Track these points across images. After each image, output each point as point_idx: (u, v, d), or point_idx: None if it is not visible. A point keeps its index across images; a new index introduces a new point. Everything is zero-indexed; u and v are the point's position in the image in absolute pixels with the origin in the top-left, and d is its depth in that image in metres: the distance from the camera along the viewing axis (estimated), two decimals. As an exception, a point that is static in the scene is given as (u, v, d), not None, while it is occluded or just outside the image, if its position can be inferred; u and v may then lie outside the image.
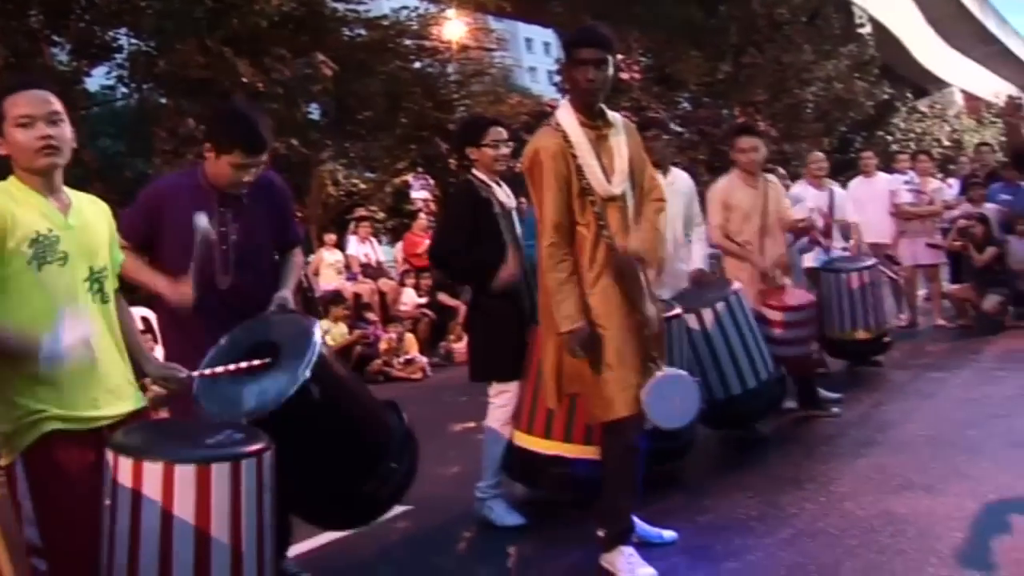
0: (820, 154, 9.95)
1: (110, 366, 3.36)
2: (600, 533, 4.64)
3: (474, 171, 5.63)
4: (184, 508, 3.02)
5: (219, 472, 3.06)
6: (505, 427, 5.47)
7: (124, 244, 3.77)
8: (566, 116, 4.59)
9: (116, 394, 3.36)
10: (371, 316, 13.37)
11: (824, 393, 7.73)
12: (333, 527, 4.67)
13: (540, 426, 5.24)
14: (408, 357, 13.03)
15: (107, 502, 3.09)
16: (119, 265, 3.59)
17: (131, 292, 3.92)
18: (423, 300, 14.26)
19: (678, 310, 5.85)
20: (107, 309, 3.39)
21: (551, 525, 5.44)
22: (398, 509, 5.94)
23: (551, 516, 5.53)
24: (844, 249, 9.44)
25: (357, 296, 13.64)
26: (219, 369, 3.75)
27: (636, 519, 4.76)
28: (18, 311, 3.15)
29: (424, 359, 13.08)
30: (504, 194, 5.60)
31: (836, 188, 9.59)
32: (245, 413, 3.60)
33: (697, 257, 6.93)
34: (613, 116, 4.69)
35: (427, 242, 11.90)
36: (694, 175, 7.82)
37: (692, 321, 6.21)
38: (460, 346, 12.59)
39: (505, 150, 5.62)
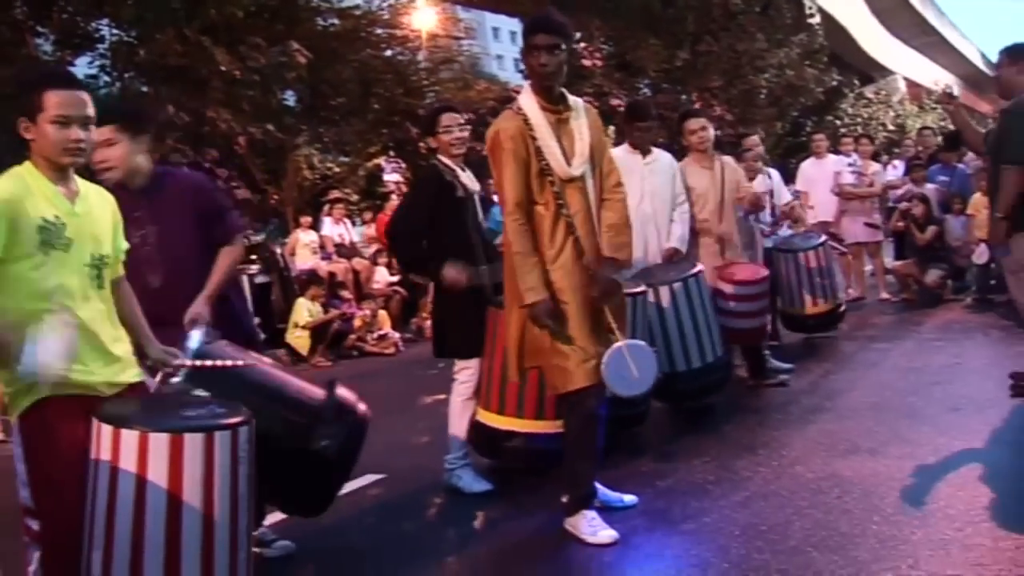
0: (755, 137, 9.79)
1: (106, 340, 3.38)
2: (563, 498, 4.66)
3: (439, 156, 5.60)
4: (157, 476, 3.00)
5: (192, 442, 3.03)
6: (468, 402, 5.48)
7: None
8: (527, 100, 4.59)
9: (111, 365, 3.38)
10: (345, 294, 13.32)
11: (776, 364, 7.78)
12: (298, 510, 4.57)
13: (496, 402, 5.25)
14: (381, 333, 13.02)
15: (91, 468, 3.09)
16: (122, 252, 3.62)
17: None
18: (395, 278, 14.22)
19: (643, 287, 5.86)
20: (104, 294, 3.43)
21: (517, 492, 5.44)
22: (371, 477, 5.99)
23: (517, 483, 5.54)
24: (790, 229, 9.52)
25: (332, 275, 13.58)
26: (208, 363, 3.73)
27: (598, 484, 4.77)
28: (22, 292, 3.20)
29: (396, 335, 13.09)
30: (468, 179, 5.56)
31: (773, 171, 9.55)
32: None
33: (675, 236, 6.86)
34: (574, 100, 4.69)
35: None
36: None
37: (649, 297, 6.22)
38: (430, 323, 12.58)
39: (460, 133, 5.54)
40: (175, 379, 3.66)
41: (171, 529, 3.01)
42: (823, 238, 9.21)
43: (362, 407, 4.33)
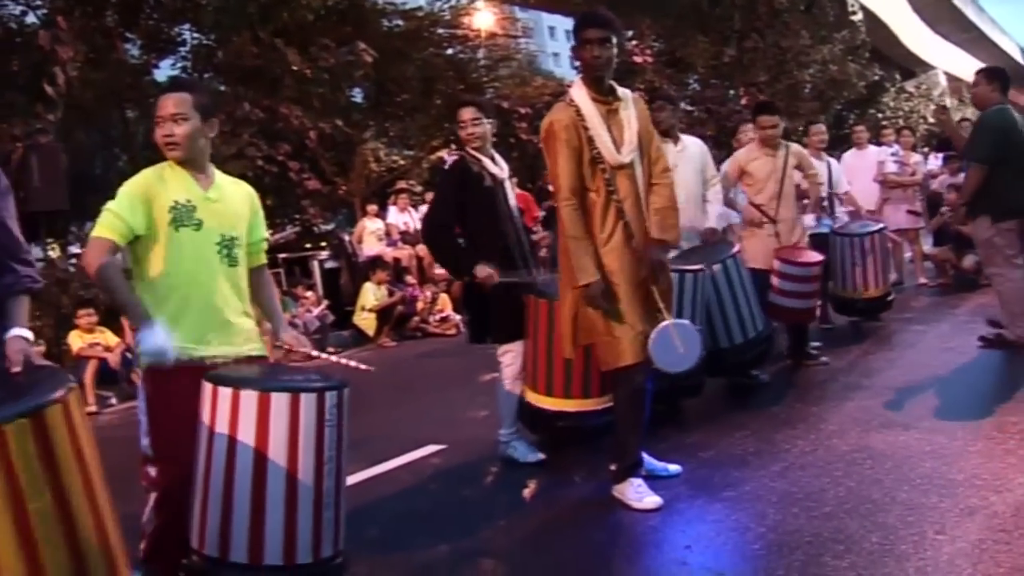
0: (821, 126, 9.84)
1: (229, 316, 3.59)
2: (612, 467, 4.71)
3: (465, 148, 5.62)
4: (246, 431, 3.10)
5: (278, 401, 3.10)
6: (515, 382, 5.52)
7: None
8: (578, 92, 4.64)
9: (229, 340, 3.58)
10: (409, 279, 13.45)
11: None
12: None
13: (543, 384, 5.31)
14: (443, 315, 13.14)
15: (198, 422, 3.22)
16: (260, 240, 3.87)
17: None
18: (456, 264, 14.29)
19: (700, 266, 5.90)
20: (235, 272, 3.65)
21: (568, 461, 5.51)
22: (432, 448, 6.12)
23: (568, 454, 5.60)
24: (847, 215, 9.49)
25: (396, 260, 13.73)
26: (334, 358, 3.99)
27: (644, 454, 4.82)
28: (158, 265, 3.49)
29: (457, 316, 13.15)
30: (496, 167, 5.57)
31: (833, 161, 9.54)
32: None
33: (711, 216, 6.83)
34: (623, 92, 4.72)
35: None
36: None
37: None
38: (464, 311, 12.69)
39: (473, 128, 5.52)
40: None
41: (256, 483, 3.09)
42: (880, 225, 9.17)
43: None
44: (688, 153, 6.80)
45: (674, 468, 5.01)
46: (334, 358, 3.92)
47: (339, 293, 13.83)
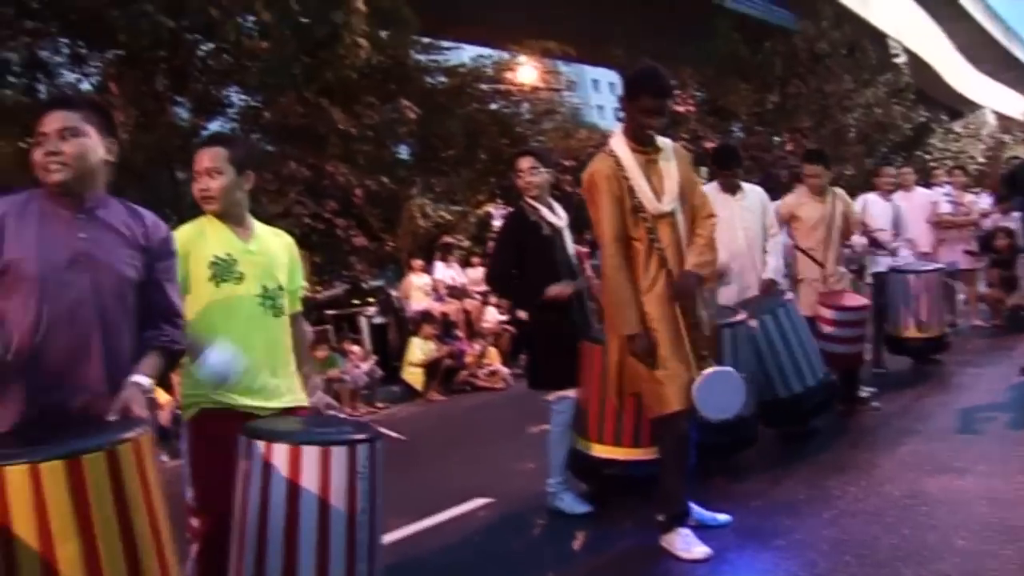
0: (891, 169, 9.85)
1: (272, 367, 3.62)
2: (659, 517, 4.66)
3: (524, 198, 5.66)
4: (279, 484, 3.10)
5: (309, 454, 3.11)
6: (566, 430, 5.50)
7: None
8: (618, 143, 4.67)
9: (272, 391, 3.60)
10: (458, 333, 13.46)
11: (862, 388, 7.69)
12: None
13: (595, 432, 5.30)
14: (491, 368, 13.09)
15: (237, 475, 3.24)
16: (298, 288, 3.90)
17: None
18: (504, 317, 14.31)
19: (743, 315, 5.83)
20: (278, 322, 3.67)
21: (615, 512, 5.44)
22: (480, 501, 6.07)
23: (615, 505, 5.54)
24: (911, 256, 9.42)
25: (444, 315, 13.73)
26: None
27: (693, 504, 4.77)
28: (201, 320, 3.48)
29: (506, 370, 13.13)
30: (555, 216, 5.60)
31: (902, 204, 9.47)
32: None
33: (770, 268, 6.79)
34: (662, 141, 4.73)
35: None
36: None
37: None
38: (526, 356, 12.64)
39: (531, 177, 5.55)
40: None
41: (289, 535, 3.09)
42: (938, 265, 9.08)
43: None
44: (748, 202, 6.79)
45: (723, 517, 4.94)
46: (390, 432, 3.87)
47: (387, 348, 13.86)
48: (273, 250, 3.75)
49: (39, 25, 12.06)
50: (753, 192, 6.94)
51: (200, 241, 3.56)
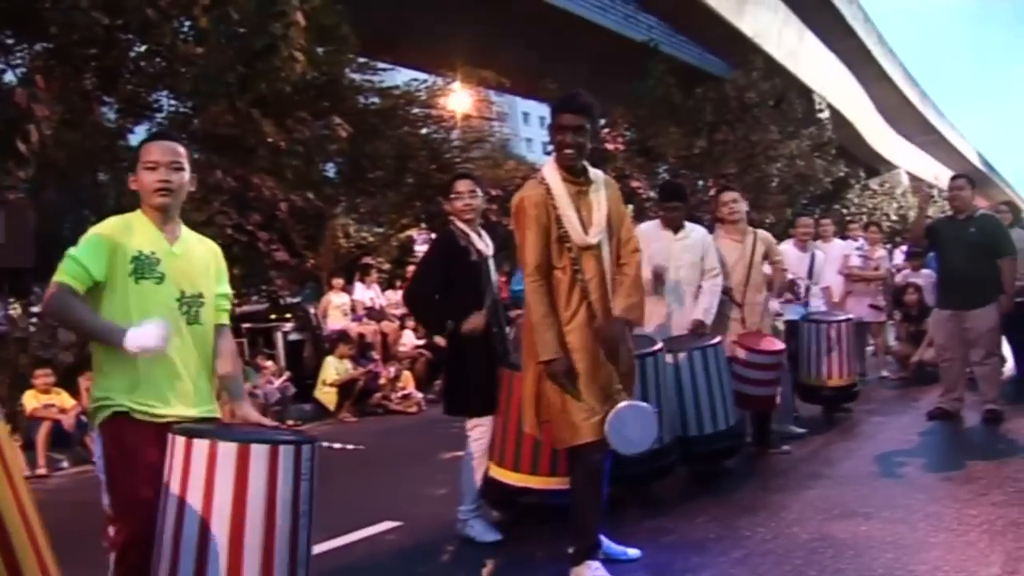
0: (808, 219, 10.02)
1: (188, 375, 3.50)
2: (570, 549, 4.62)
3: (455, 221, 5.63)
4: (224, 484, 3.02)
5: (257, 453, 3.06)
6: (481, 457, 5.45)
7: None
8: (550, 171, 4.66)
9: (187, 400, 3.48)
10: (373, 355, 13.35)
11: (792, 428, 7.94)
12: None
13: (511, 459, 5.27)
14: (405, 392, 13.02)
15: (164, 478, 3.14)
16: (225, 299, 3.77)
17: None
18: (421, 342, 14.25)
19: (658, 345, 5.84)
20: (196, 330, 3.56)
21: (525, 542, 5.41)
22: (389, 524, 5.98)
23: (526, 534, 5.51)
24: (823, 305, 9.59)
25: (361, 336, 13.62)
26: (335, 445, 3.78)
27: (604, 538, 4.74)
28: (116, 314, 3.38)
29: (419, 395, 13.08)
30: (483, 243, 5.58)
31: (818, 253, 9.64)
32: None
33: (700, 308, 6.77)
34: (595, 173, 4.73)
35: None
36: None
37: (668, 362, 6.22)
38: (443, 381, 12.59)
39: (470, 200, 5.55)
40: None
41: (234, 537, 3.01)
42: (849, 315, 9.24)
43: None
44: (689, 241, 6.82)
45: (633, 552, 4.92)
46: (324, 444, 3.76)
47: (302, 366, 13.70)
48: (197, 256, 3.65)
49: (-37, 10, 11.74)
50: (696, 231, 6.96)
51: (127, 235, 3.46)
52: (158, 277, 3.45)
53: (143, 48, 12.87)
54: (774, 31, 33.43)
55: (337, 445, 3.58)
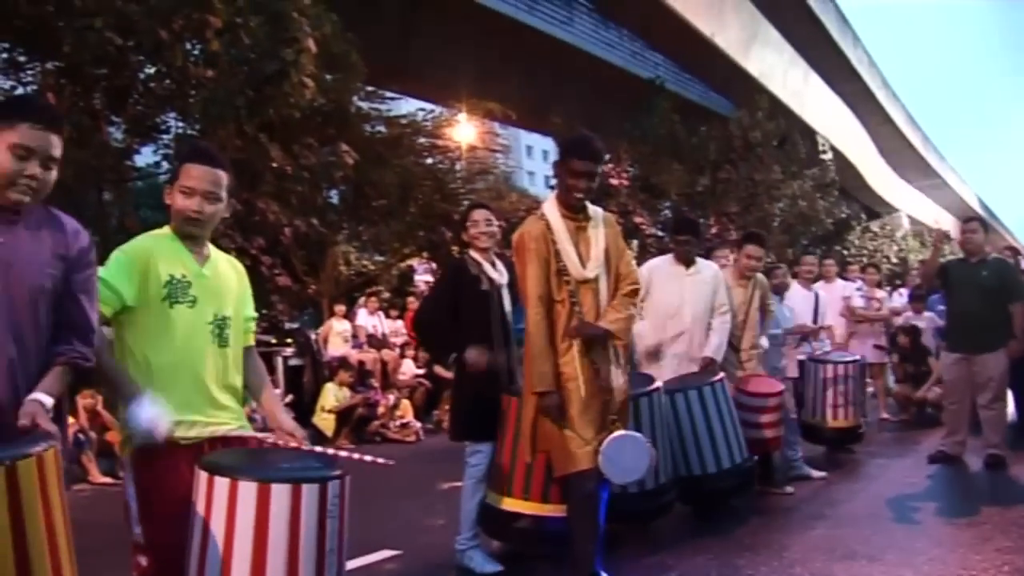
0: (812, 258, 10.02)
1: (217, 396, 3.40)
2: (569, 579, 4.60)
3: (470, 251, 5.65)
4: (245, 523, 2.92)
5: (279, 492, 2.94)
6: (479, 485, 5.41)
7: None
8: (550, 207, 4.80)
9: (215, 416, 3.38)
10: (373, 382, 13.31)
11: (808, 470, 7.93)
12: None
13: (504, 485, 5.24)
14: (403, 421, 12.96)
15: (191, 511, 3.06)
16: (251, 320, 3.68)
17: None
18: (421, 371, 14.22)
19: (656, 384, 5.81)
20: (225, 352, 3.46)
21: (525, 573, 5.37)
22: (387, 553, 5.93)
23: (525, 565, 5.47)
24: (828, 346, 9.57)
25: (361, 363, 13.59)
26: (340, 452, 3.57)
27: (604, 573, 4.69)
28: (150, 340, 3.29)
29: (418, 424, 13.02)
30: (496, 272, 5.57)
31: (821, 293, 9.63)
32: None
33: (711, 346, 6.71)
34: (594, 210, 4.84)
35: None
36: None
37: (679, 401, 6.20)
38: (449, 408, 12.54)
39: (486, 228, 5.58)
40: None
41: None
42: (855, 356, 9.21)
43: None
44: (700, 277, 6.79)
45: (634, 587, 4.89)
46: (343, 453, 3.51)
47: (301, 391, 13.65)
48: (226, 278, 3.54)
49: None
50: (708, 268, 6.92)
51: (157, 256, 3.34)
52: (191, 300, 3.35)
53: (153, 69, 12.93)
54: (779, 72, 33.69)
55: (368, 458, 3.49)
